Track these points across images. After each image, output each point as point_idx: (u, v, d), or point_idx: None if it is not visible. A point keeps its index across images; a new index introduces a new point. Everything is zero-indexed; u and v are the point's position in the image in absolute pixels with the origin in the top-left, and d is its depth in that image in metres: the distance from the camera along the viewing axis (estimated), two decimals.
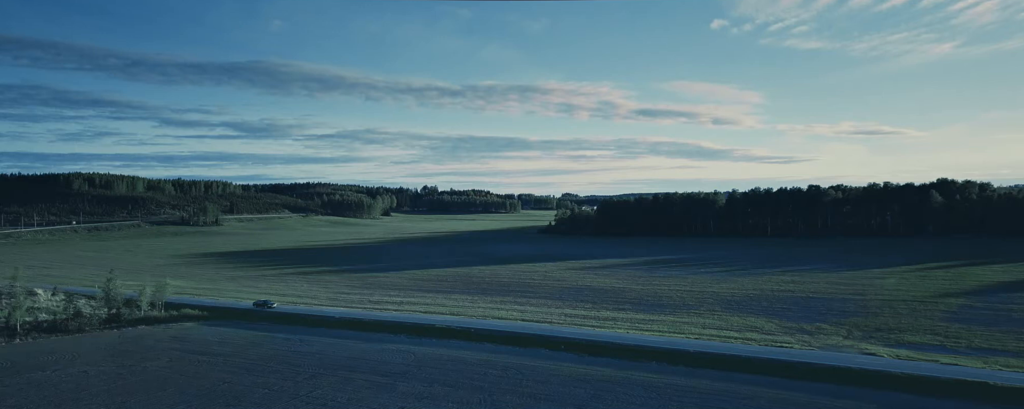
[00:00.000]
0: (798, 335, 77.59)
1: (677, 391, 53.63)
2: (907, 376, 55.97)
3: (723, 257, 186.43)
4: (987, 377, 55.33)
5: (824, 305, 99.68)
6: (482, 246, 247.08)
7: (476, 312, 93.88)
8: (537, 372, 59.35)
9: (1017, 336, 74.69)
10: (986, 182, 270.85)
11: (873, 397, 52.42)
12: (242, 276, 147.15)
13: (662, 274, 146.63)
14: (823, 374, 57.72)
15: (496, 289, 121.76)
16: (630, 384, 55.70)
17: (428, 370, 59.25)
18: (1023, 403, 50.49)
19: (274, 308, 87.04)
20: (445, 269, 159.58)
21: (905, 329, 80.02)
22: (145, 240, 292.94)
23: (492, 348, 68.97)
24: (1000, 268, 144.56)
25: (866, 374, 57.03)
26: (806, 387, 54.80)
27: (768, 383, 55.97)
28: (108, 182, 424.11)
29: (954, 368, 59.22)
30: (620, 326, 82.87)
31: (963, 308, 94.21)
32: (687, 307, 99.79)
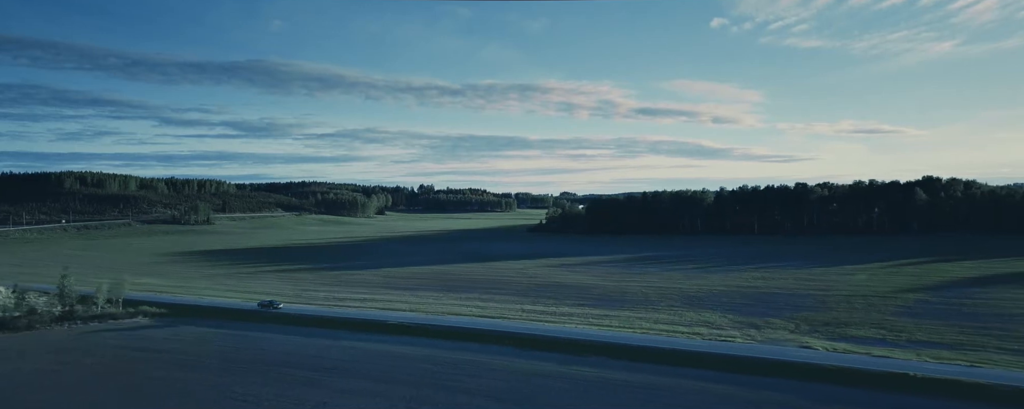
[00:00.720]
0: (746, 330, 78.46)
1: (610, 384, 54.49)
2: (834, 368, 56.87)
3: (703, 254, 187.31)
4: (910, 368, 56.20)
5: (784, 301, 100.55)
6: (468, 244, 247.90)
7: (436, 309, 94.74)
8: (475, 366, 60.27)
9: (959, 329, 75.60)
10: (971, 180, 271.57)
11: (794, 387, 53.33)
12: (219, 274, 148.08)
13: (637, 271, 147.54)
14: (752, 366, 58.58)
15: (466, 286, 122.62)
16: (565, 378, 56.59)
17: (365, 365, 60.15)
18: (939, 392, 51.35)
19: (280, 309, 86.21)
20: (422, 267, 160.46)
21: (852, 323, 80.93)
22: (134, 239, 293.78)
23: (438, 343, 69.88)
24: (972, 264, 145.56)
25: (793, 366, 57.94)
26: (732, 378, 55.72)
27: (696, 375, 56.87)
28: (100, 181, 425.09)
29: (883, 360, 60.09)
30: (574, 321, 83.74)
31: (919, 303, 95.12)
32: (648, 303, 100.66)
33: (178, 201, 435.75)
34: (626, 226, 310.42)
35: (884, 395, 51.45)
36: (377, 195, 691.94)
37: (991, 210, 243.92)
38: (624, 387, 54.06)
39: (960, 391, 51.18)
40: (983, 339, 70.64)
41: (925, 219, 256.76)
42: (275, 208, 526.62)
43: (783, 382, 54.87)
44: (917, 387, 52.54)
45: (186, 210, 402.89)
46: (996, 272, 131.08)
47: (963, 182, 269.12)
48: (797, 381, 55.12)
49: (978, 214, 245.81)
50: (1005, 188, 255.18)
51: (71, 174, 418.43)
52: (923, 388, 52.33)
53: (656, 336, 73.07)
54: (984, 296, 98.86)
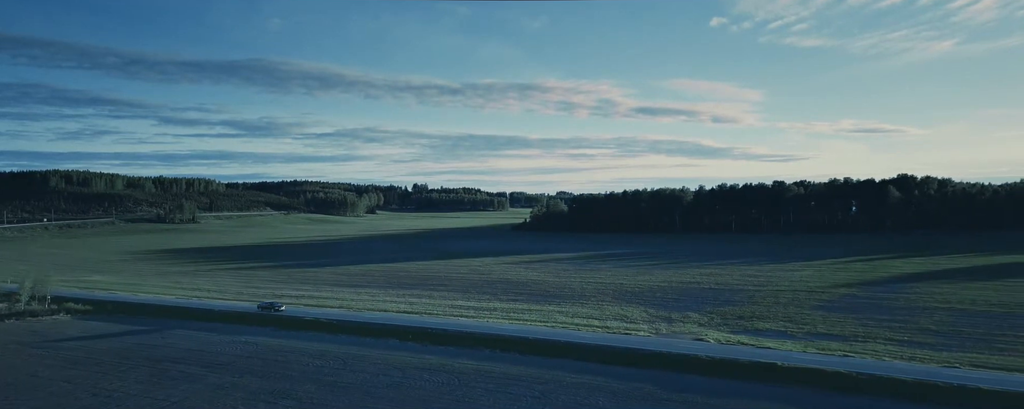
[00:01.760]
0: (657, 323, 79.48)
1: (489, 376, 55.40)
2: (709, 359, 57.84)
3: (669, 251, 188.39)
4: (780, 359, 57.19)
5: (716, 296, 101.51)
6: (442, 242, 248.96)
7: (365, 305, 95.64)
8: (360, 361, 61.22)
9: (863, 322, 76.61)
10: (946, 178, 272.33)
11: (662, 377, 54.36)
12: (175, 271, 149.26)
13: (591, 267, 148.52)
14: (634, 357, 59.59)
15: (412, 283, 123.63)
16: (445, 371, 57.49)
17: (253, 361, 61.10)
18: (796, 380, 52.36)
19: (283, 311, 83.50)
20: (381, 264, 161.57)
21: (765, 317, 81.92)
22: (113, 237, 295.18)
23: (338, 338, 70.89)
24: (924, 260, 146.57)
25: (672, 357, 58.93)
26: (610, 370, 56.74)
27: (578, 367, 57.82)
28: (86, 180, 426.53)
29: (761, 351, 61.16)
30: (494, 316, 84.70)
31: (844, 297, 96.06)
32: (581, 298, 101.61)
33: (165, 200, 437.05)
34: (608, 224, 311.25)
35: (740, 383, 52.48)
36: (369, 194, 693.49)
37: (963, 208, 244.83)
38: (501, 378, 55.04)
39: (816, 379, 52.15)
40: (879, 331, 71.64)
41: (899, 217, 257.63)
42: (264, 207, 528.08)
43: (656, 373, 55.87)
44: (778, 376, 53.53)
45: (171, 209, 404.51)
46: (942, 268, 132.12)
47: (937, 180, 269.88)
48: (669, 372, 56.12)
49: (950, 212, 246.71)
50: (976, 186, 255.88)
51: (57, 173, 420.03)
52: (783, 377, 53.33)
53: (559, 329, 74.11)
54: (910, 291, 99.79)
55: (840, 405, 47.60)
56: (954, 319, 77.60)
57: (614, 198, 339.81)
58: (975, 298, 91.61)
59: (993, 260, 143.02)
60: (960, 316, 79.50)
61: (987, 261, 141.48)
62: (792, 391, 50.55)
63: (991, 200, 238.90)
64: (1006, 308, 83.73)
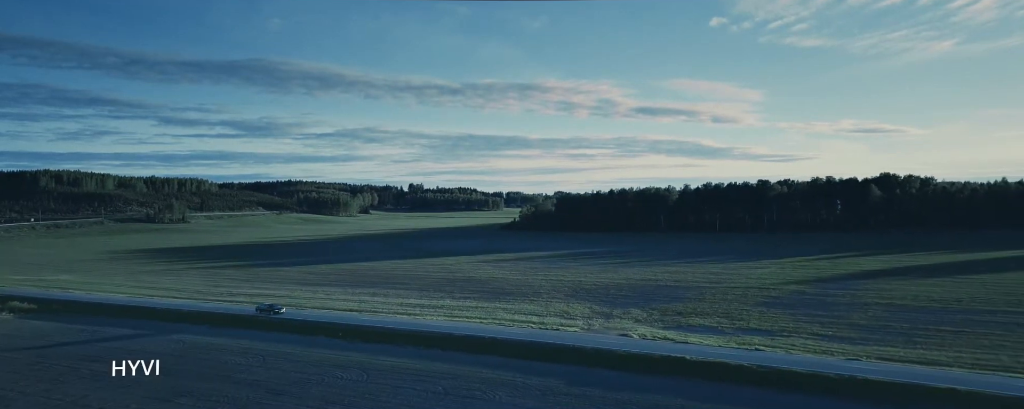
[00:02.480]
0: (594, 319, 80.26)
1: (405, 372, 56.06)
2: (623, 353, 58.47)
3: (645, 250, 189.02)
4: (691, 353, 57.98)
5: (669, 293, 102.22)
6: (426, 242, 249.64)
7: (315, 303, 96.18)
8: (280, 358, 61.92)
9: (796, 318, 77.42)
10: (929, 177, 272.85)
11: (570, 371, 55.19)
12: (146, 271, 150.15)
13: (560, 266, 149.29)
14: (551, 352, 60.46)
15: (376, 282, 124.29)
16: (361, 367, 58.10)
17: (172, 358, 61.96)
18: (696, 373, 53.16)
19: (282, 314, 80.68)
20: (354, 264, 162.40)
21: (703, 313, 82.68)
22: (100, 237, 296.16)
23: (267, 336, 71.72)
24: (892, 258, 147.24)
25: (584, 351, 59.74)
26: (526, 365, 57.49)
27: (496, 363, 58.58)
28: (77, 180, 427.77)
29: (680, 345, 61.97)
30: (435, 314, 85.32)
31: (792, 294, 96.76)
32: (533, 295, 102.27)
33: (156, 200, 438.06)
34: (595, 223, 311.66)
35: (645, 377, 53.25)
36: (363, 194, 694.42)
37: (944, 207, 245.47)
38: (413, 375, 55.66)
39: (718, 372, 52.93)
40: (808, 326, 72.40)
41: (881, 215, 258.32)
42: (256, 207, 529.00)
43: (568, 368, 56.63)
44: (683, 369, 54.29)
45: (161, 209, 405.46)
46: (905, 265, 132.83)
47: (920, 179, 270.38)
48: (582, 367, 56.88)
49: (931, 210, 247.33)
50: (955, 185, 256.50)
51: (47, 173, 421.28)
52: (688, 370, 54.08)
53: (492, 326, 74.98)
54: (860, 287, 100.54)
55: (727, 394, 48.40)
56: (888, 315, 78.35)
57: (601, 197, 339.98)
58: (919, 294, 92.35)
59: (958, 258, 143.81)
60: (896, 311, 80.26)
61: (952, 258, 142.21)
62: (691, 383, 51.34)
63: (970, 199, 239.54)
64: (944, 304, 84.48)
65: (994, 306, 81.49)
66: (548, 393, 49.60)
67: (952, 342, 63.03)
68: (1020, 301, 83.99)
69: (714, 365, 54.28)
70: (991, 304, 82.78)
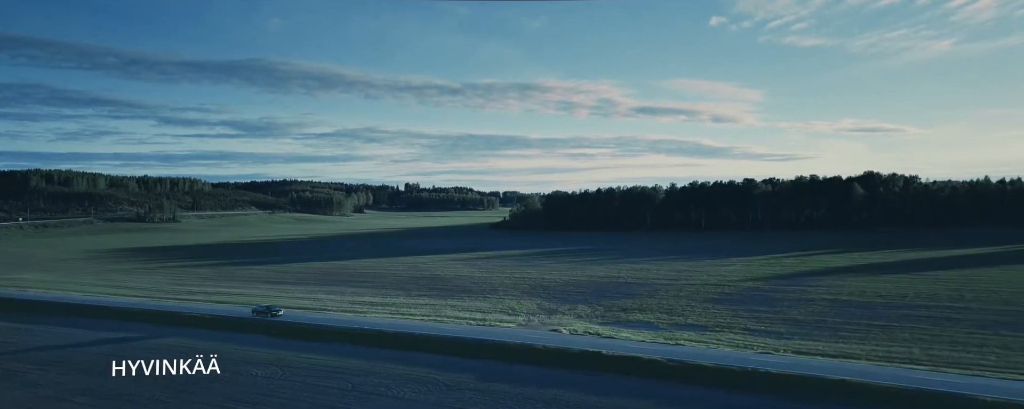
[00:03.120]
0: (537, 315, 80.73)
1: (319, 368, 56.43)
2: (543, 348, 59.02)
3: (622, 248, 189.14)
4: (606, 347, 58.41)
5: (624, 289, 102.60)
6: (409, 241, 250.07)
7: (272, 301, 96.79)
8: (197, 355, 62.47)
9: (736, 314, 77.70)
10: (913, 176, 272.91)
11: (483, 367, 55.65)
12: (117, 270, 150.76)
13: (530, 263, 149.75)
14: (472, 348, 60.94)
15: (340, 281, 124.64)
16: (272, 364, 58.46)
17: (79, 355, 62.63)
18: (610, 368, 53.59)
19: (280, 317, 77.97)
20: (328, 262, 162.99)
21: (647, 309, 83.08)
22: (88, 236, 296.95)
23: (192, 333, 72.63)
24: (860, 256, 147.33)
25: (507, 346, 60.24)
26: (443, 361, 58.09)
27: (412, 359, 59.11)
28: (67, 179, 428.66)
29: (602, 340, 62.44)
30: (382, 311, 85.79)
31: (744, 291, 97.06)
32: (489, 292, 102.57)
33: (147, 199, 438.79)
34: (582, 222, 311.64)
35: (558, 371, 53.80)
36: (358, 193, 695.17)
37: (925, 205, 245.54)
38: (326, 371, 55.90)
39: (628, 365, 53.41)
40: (744, 322, 72.80)
41: (864, 214, 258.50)
42: (249, 206, 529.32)
43: (486, 363, 57.11)
44: (596, 363, 54.75)
45: (151, 208, 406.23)
46: (871, 262, 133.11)
47: (903, 178, 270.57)
48: (500, 362, 57.34)
49: (914, 209, 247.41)
50: (936, 184, 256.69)
51: (38, 172, 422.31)
52: (600, 364, 54.56)
53: (428, 322, 75.74)
54: (813, 284, 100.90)
55: (628, 388, 48.81)
56: (828, 310, 78.70)
57: (588, 197, 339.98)
58: (868, 290, 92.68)
59: (928, 255, 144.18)
60: (838, 307, 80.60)
61: (922, 256, 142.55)
62: (598, 378, 51.87)
63: (951, 197, 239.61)
64: (888, 299, 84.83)
65: (936, 301, 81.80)
66: (454, 388, 50.01)
67: (875, 336, 63.41)
68: (962, 296, 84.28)
69: (628, 359, 54.70)
70: (934, 299, 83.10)
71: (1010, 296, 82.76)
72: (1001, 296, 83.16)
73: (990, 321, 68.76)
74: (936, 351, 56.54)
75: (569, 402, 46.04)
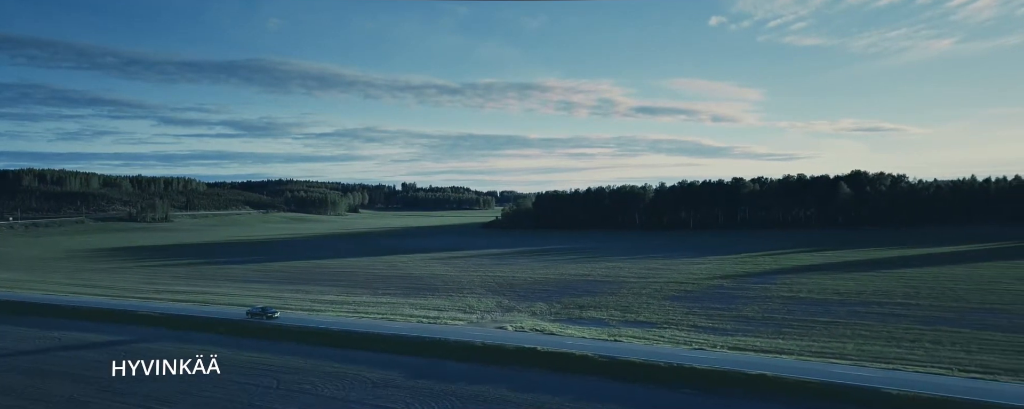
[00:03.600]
0: (492, 313, 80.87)
1: (240, 366, 56.29)
2: (484, 346, 59.10)
3: (604, 247, 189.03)
4: (540, 343, 58.56)
5: (586, 287, 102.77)
6: (392, 240, 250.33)
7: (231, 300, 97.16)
8: (128, 351, 62.82)
9: (689, 311, 77.75)
10: (901, 174, 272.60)
11: (415, 363, 55.81)
12: (92, 269, 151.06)
13: (506, 262, 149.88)
14: (405, 344, 61.24)
15: (307, 279, 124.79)
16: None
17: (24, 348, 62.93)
18: (541, 364, 53.70)
19: (276, 318, 75.51)
20: (309, 261, 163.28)
21: (603, 306, 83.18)
22: (77, 236, 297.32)
23: (131, 330, 72.89)
24: (835, 254, 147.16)
25: (441, 343, 60.40)
26: (378, 358, 58.23)
27: (348, 357, 59.27)
28: (60, 179, 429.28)
29: (540, 337, 62.52)
30: (339, 309, 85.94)
31: (707, 288, 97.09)
32: (455, 291, 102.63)
33: (140, 199, 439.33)
34: (572, 221, 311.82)
35: (489, 367, 53.93)
36: (354, 193, 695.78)
37: (910, 204, 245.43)
38: (252, 368, 55.93)
39: (557, 361, 53.57)
40: (693, 318, 72.91)
41: (851, 213, 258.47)
42: (243, 206, 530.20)
43: (419, 360, 57.20)
44: (529, 359, 54.89)
45: (143, 208, 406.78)
46: (844, 260, 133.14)
47: (891, 177, 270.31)
48: (434, 359, 57.51)
49: (900, 208, 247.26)
50: (921, 183, 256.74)
51: (31, 172, 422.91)
52: (533, 360, 54.70)
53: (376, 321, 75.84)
54: (777, 282, 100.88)
55: (552, 383, 49.02)
56: (781, 307, 78.77)
57: (578, 196, 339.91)
58: (828, 287, 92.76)
59: (904, 253, 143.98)
60: (791, 304, 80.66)
61: (897, 254, 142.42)
62: (527, 373, 52.04)
63: (935, 196, 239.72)
64: (844, 296, 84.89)
65: (890, 298, 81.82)
66: (382, 385, 50.12)
67: (816, 332, 63.49)
68: (918, 293, 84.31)
69: (561, 355, 54.83)
70: (888, 296, 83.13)
71: (965, 293, 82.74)
72: (956, 293, 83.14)
73: (935, 317, 68.81)
74: (869, 346, 56.61)
75: (489, 397, 46.16)
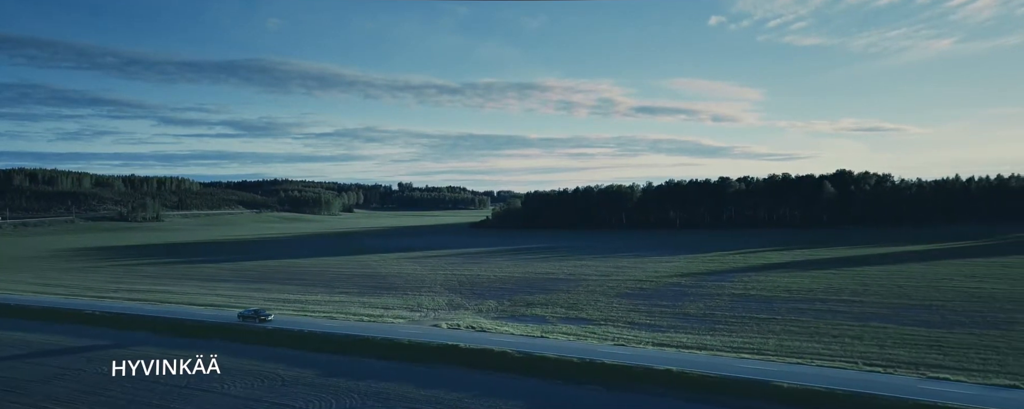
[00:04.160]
0: (439, 311, 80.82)
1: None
2: (412, 343, 59.00)
3: (584, 246, 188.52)
4: (462, 340, 58.52)
5: (544, 285, 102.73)
6: (375, 240, 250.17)
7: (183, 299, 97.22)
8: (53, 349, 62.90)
9: (634, 309, 77.79)
10: (886, 174, 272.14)
11: (324, 360, 55.93)
12: (60, 268, 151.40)
13: (478, 261, 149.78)
14: (336, 343, 61.17)
15: (271, 279, 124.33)
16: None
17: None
18: (460, 361, 53.63)
19: (270, 320, 72.57)
20: (276, 260, 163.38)
21: (550, 303, 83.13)
22: (63, 235, 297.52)
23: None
24: (806, 252, 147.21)
25: (375, 342, 60.29)
26: (291, 356, 58.28)
27: (272, 355, 59.25)
28: (52, 178, 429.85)
29: (462, 333, 62.61)
30: (288, 308, 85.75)
31: (661, 287, 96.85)
32: (412, 290, 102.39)
33: (132, 199, 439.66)
34: (560, 220, 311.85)
35: (405, 364, 53.89)
36: (348, 193, 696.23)
37: (893, 203, 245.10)
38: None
39: (477, 358, 53.58)
40: (634, 316, 72.77)
41: (836, 212, 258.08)
42: (236, 206, 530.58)
43: (337, 357, 57.26)
44: (448, 356, 54.85)
45: (135, 207, 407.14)
46: (811, 258, 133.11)
47: (876, 176, 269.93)
48: (351, 356, 57.53)
49: (883, 207, 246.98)
50: (904, 182, 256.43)
51: (22, 171, 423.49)
52: (450, 357, 54.70)
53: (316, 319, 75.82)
54: (735, 280, 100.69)
55: (462, 379, 49.02)
56: (725, 304, 78.60)
57: (566, 196, 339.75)
58: (781, 285, 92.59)
59: (875, 251, 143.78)
60: (737, 301, 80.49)
61: (868, 252, 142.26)
62: (437, 369, 52.06)
63: (917, 196, 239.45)
64: (793, 294, 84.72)
65: (837, 295, 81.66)
66: (292, 383, 49.87)
67: (747, 329, 63.32)
68: (866, 290, 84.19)
69: (480, 352, 54.77)
70: (836, 293, 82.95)
71: (911, 290, 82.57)
72: (903, 290, 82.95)
73: (870, 314, 68.66)
74: (790, 342, 56.49)
75: (392, 394, 45.99)
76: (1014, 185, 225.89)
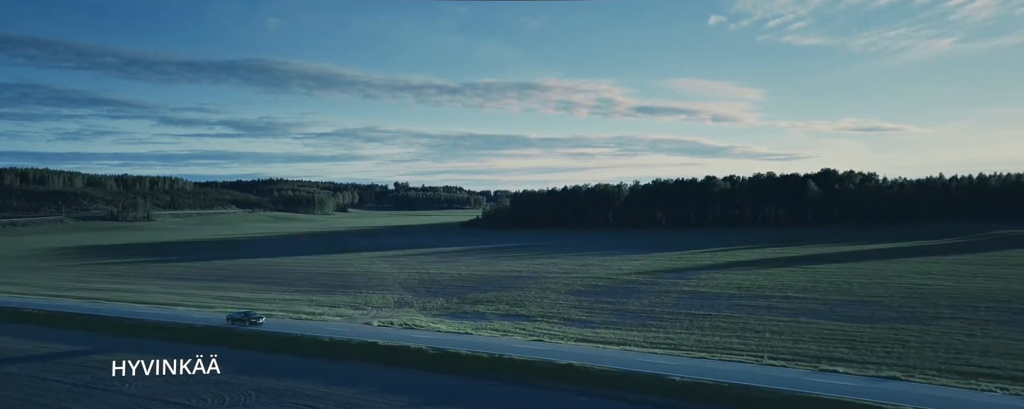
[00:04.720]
0: (384, 309, 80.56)
1: (76, 366, 56.28)
2: (333, 341, 58.65)
3: (562, 245, 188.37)
4: (382, 337, 58.28)
5: (500, 283, 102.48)
6: (359, 239, 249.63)
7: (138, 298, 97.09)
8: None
9: (579, 306, 77.45)
10: (871, 173, 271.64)
11: (252, 359, 55.53)
12: (29, 267, 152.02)
13: (450, 260, 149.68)
14: (250, 341, 61.13)
15: (237, 277, 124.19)
16: (37, 360, 58.46)
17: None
18: (382, 359, 53.44)
19: (261, 324, 68.69)
20: (249, 260, 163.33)
21: (497, 301, 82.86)
22: (51, 235, 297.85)
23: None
24: (772, 251, 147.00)
25: (299, 340, 60.08)
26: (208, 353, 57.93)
27: (193, 353, 58.95)
28: (43, 178, 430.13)
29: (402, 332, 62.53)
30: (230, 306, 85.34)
31: (616, 284, 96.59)
32: (370, 288, 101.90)
33: (124, 198, 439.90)
34: (548, 220, 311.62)
35: (321, 361, 53.77)
36: (344, 193, 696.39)
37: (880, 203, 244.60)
38: (82, 368, 55.63)
39: (393, 355, 53.37)
40: (573, 312, 72.55)
41: (820, 211, 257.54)
42: (229, 205, 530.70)
43: (250, 355, 56.81)
44: (365, 354, 54.63)
45: (126, 207, 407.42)
46: (778, 256, 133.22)
47: (860, 175, 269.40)
48: (268, 354, 57.24)
49: (867, 206, 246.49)
50: (886, 182, 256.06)
51: (13, 171, 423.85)
52: (366, 354, 54.47)
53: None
54: (690, 277, 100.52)
55: (370, 376, 48.78)
56: (669, 301, 78.29)
57: (554, 195, 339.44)
58: (733, 283, 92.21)
59: (845, 249, 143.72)
60: (683, 298, 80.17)
61: (837, 250, 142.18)
62: (351, 367, 51.79)
63: (899, 195, 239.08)
64: (742, 291, 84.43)
65: (783, 292, 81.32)
66: (192, 382, 48.85)
67: (678, 326, 62.90)
68: (815, 287, 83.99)
69: (397, 349, 54.50)
70: (783, 291, 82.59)
71: (857, 287, 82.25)
72: (850, 287, 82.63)
73: (806, 310, 68.35)
74: (711, 337, 56.23)
75: (299, 392, 45.42)
76: (994, 184, 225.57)
